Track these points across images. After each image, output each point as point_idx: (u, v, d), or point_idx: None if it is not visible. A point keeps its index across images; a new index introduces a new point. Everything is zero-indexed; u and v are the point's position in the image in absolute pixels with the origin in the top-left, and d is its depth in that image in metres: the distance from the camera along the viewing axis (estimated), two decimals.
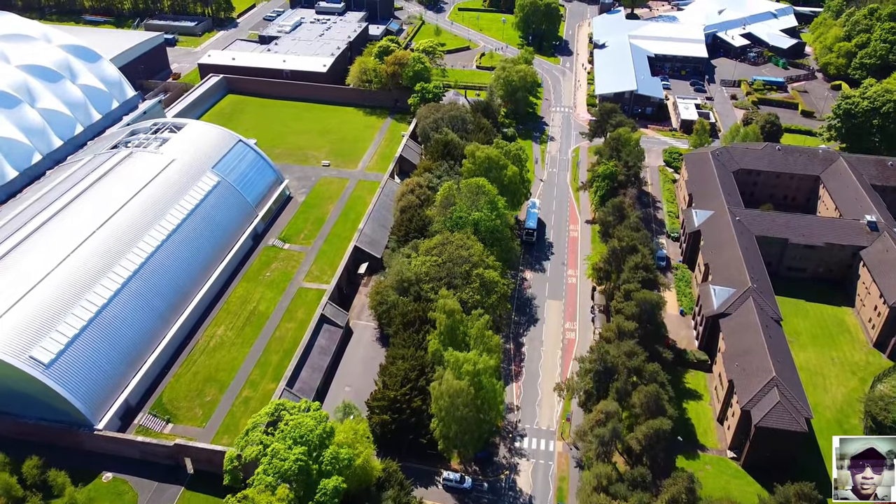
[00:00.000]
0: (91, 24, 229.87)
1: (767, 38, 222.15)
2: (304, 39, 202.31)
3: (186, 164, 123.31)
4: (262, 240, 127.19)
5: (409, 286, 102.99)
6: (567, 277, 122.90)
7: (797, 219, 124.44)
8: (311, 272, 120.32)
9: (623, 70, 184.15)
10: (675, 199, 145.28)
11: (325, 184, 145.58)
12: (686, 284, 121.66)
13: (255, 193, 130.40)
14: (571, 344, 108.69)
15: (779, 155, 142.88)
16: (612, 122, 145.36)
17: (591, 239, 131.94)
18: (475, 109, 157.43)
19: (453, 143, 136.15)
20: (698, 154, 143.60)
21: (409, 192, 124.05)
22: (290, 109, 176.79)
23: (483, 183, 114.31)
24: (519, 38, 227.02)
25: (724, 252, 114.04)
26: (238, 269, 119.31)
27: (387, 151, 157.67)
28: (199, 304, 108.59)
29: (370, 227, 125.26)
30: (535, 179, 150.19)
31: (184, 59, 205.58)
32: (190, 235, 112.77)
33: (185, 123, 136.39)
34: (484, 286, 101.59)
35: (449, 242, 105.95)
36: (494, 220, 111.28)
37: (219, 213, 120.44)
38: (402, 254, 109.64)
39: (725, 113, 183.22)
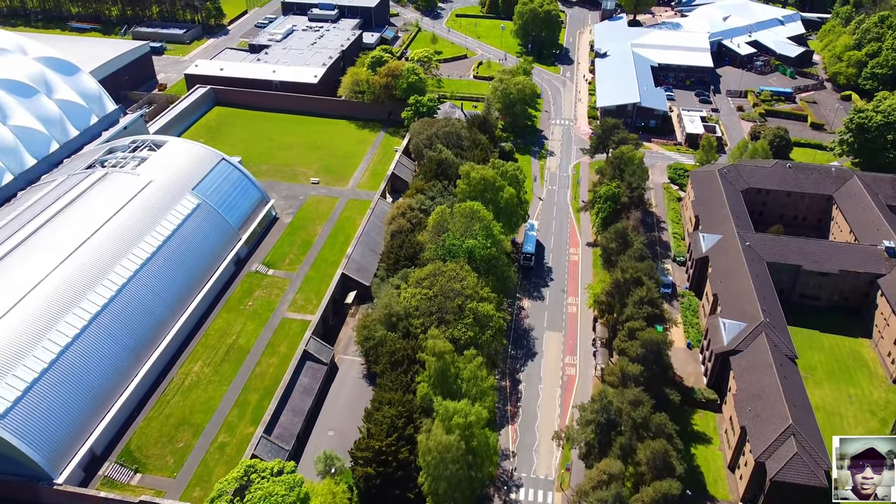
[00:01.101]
0: (77, 31, 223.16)
1: (774, 46, 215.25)
2: (296, 48, 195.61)
3: (165, 186, 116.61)
4: (245, 265, 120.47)
5: (397, 321, 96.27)
6: (567, 306, 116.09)
7: (810, 244, 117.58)
8: (296, 301, 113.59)
9: (625, 81, 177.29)
10: (680, 219, 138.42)
11: (314, 203, 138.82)
12: (693, 314, 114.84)
13: (239, 215, 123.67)
14: (572, 381, 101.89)
15: (789, 173, 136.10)
16: (614, 138, 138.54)
17: (593, 263, 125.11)
18: (471, 124, 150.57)
19: (447, 161, 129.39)
20: (705, 172, 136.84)
21: (399, 216, 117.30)
22: (280, 122, 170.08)
23: (478, 208, 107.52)
24: (518, 46, 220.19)
25: (734, 281, 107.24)
26: (218, 298, 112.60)
27: (379, 168, 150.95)
28: (175, 339, 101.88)
29: (359, 252, 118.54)
30: (533, 198, 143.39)
31: (171, 68, 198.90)
32: (166, 264, 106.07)
33: (166, 141, 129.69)
34: (478, 321, 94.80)
35: (441, 273, 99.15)
36: (489, 249, 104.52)
37: (198, 238, 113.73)
38: (392, 284, 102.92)
39: (732, 126, 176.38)
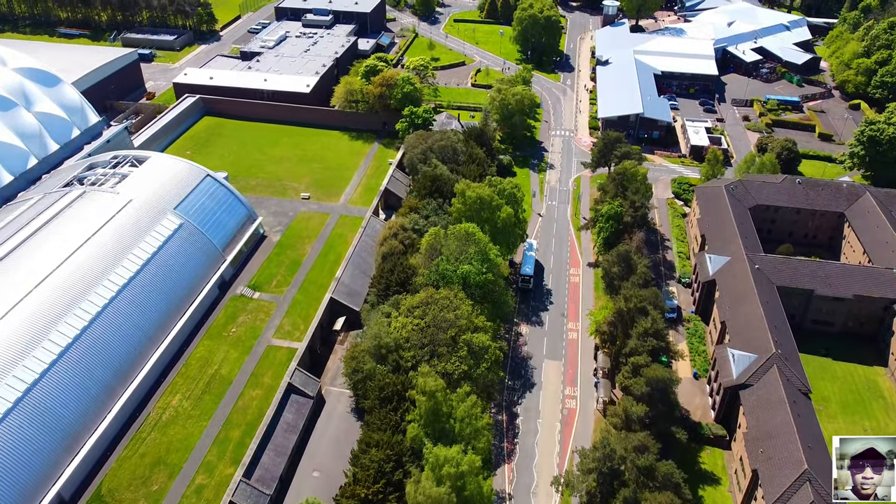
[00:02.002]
0: (66, 37, 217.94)
1: (780, 53, 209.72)
2: (288, 56, 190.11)
3: (145, 205, 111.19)
4: (229, 287, 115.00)
5: (387, 353, 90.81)
6: (567, 332, 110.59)
7: (823, 267, 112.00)
8: (282, 327, 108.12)
9: (628, 90, 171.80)
10: (685, 237, 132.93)
11: (304, 220, 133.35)
12: (699, 340, 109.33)
13: (224, 235, 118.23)
14: (572, 415, 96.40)
15: (799, 189, 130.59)
16: (616, 152, 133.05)
17: (594, 285, 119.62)
18: (468, 136, 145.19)
19: (442, 178, 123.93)
20: (711, 188, 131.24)
21: (391, 237, 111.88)
22: (271, 133, 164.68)
23: (473, 230, 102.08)
24: (517, 53, 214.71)
25: (743, 308, 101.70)
26: (201, 325, 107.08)
27: (372, 182, 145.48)
28: (153, 370, 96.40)
29: (349, 275, 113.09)
30: (532, 214, 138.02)
31: (160, 76, 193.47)
32: (144, 289, 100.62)
33: (148, 157, 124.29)
34: (472, 353, 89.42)
35: (433, 301, 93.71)
36: (485, 275, 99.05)
37: (180, 260, 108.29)
38: (382, 312, 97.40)
39: (737, 136, 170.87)
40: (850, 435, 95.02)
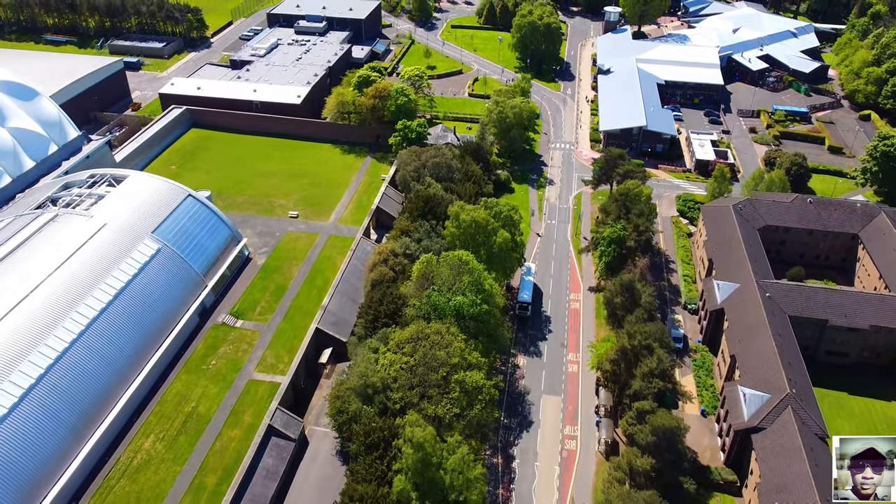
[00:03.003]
0: (52, 44, 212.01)
1: (787, 61, 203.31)
2: (280, 64, 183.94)
3: (121, 230, 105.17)
4: (210, 315, 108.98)
5: (374, 394, 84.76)
6: (567, 364, 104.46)
7: (838, 295, 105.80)
8: (265, 359, 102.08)
9: (630, 102, 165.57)
10: (691, 258, 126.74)
11: (291, 240, 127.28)
12: (707, 373, 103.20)
13: (205, 259, 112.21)
14: (572, 457, 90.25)
15: (810, 209, 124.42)
16: (619, 170, 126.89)
17: (596, 312, 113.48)
18: (464, 152, 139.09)
19: (436, 198, 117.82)
20: (718, 207, 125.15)
21: (381, 263, 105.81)
22: (260, 147, 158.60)
23: (467, 258, 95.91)
24: (516, 61, 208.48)
25: (754, 341, 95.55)
26: (178, 357, 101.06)
27: (364, 199, 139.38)
28: (125, 409, 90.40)
29: (336, 303, 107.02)
30: (530, 233, 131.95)
31: (147, 85, 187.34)
32: (117, 322, 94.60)
33: (126, 175, 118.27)
34: (465, 393, 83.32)
35: (424, 336, 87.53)
36: (480, 306, 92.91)
37: (157, 288, 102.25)
38: (369, 347, 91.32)
39: (744, 149, 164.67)
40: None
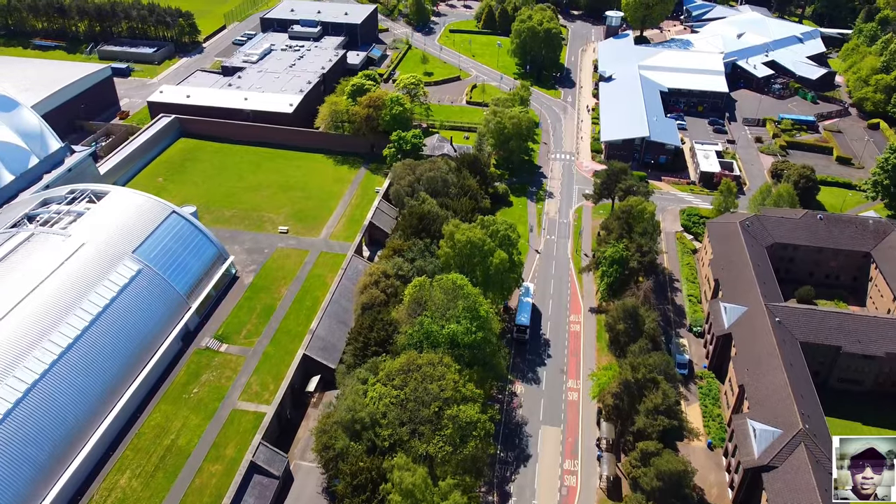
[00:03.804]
0: (41, 49, 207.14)
1: (793, 67, 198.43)
2: (272, 71, 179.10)
3: (100, 250, 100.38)
4: (194, 339, 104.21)
5: (362, 429, 79.91)
6: (567, 391, 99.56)
7: (851, 320, 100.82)
8: (250, 387, 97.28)
9: (633, 111, 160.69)
10: (696, 277, 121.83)
11: (281, 257, 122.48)
12: (714, 402, 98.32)
13: (189, 279, 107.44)
14: (572, 495, 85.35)
15: (821, 226, 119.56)
16: (621, 185, 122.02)
17: (597, 335, 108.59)
18: (460, 164, 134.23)
19: (430, 215, 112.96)
20: (724, 224, 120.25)
21: (372, 285, 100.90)
22: (250, 157, 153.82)
23: (462, 283, 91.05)
24: (516, 67, 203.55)
25: (765, 371, 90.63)
26: (159, 385, 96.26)
27: (357, 213, 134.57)
28: (100, 444, 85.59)
29: (325, 326, 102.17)
30: (529, 250, 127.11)
31: (137, 92, 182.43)
32: (93, 350, 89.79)
33: (107, 191, 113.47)
34: (459, 429, 78.50)
35: (416, 368, 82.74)
36: (475, 334, 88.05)
37: (137, 312, 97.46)
38: (358, 377, 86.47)
39: (750, 160, 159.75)
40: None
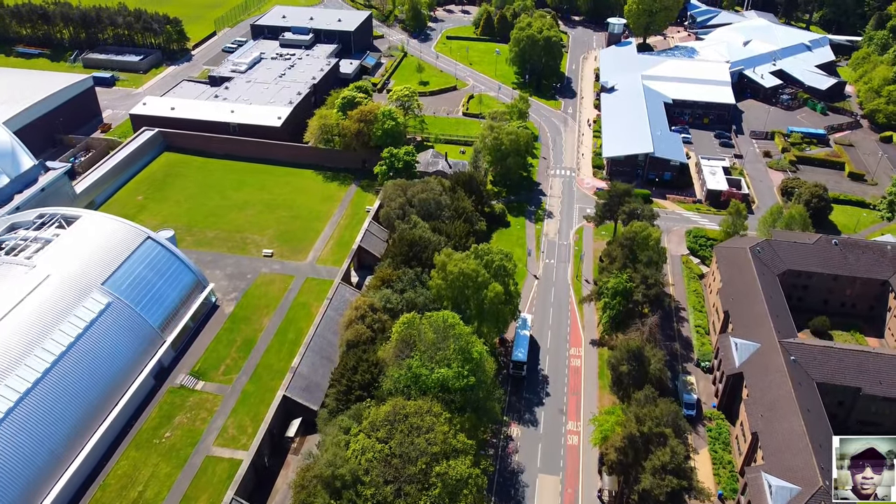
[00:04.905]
0: (24, 56, 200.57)
1: (802, 77, 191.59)
2: (261, 81, 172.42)
3: (66, 282, 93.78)
4: (168, 376, 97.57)
5: (342, 487, 73.22)
6: (566, 435, 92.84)
7: (872, 359, 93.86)
8: (226, 430, 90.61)
9: (636, 124, 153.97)
10: (703, 306, 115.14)
11: (264, 284, 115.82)
12: (724, 447, 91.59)
13: (164, 310, 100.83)
14: None
15: (836, 252, 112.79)
16: (624, 208, 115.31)
17: (599, 371, 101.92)
18: (455, 183, 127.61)
19: (422, 242, 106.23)
20: (733, 249, 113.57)
21: (358, 320, 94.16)
22: (236, 173, 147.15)
23: (453, 321, 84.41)
24: (514, 76, 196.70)
25: (780, 418, 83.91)
26: (128, 429, 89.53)
27: (346, 235, 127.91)
28: (60, 498, 78.87)
29: (308, 363, 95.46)
30: (527, 275, 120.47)
31: (121, 103, 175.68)
32: (54, 393, 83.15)
33: (78, 216, 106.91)
34: (449, 488, 71.87)
35: (402, 418, 76.05)
36: (466, 378, 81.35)
37: (105, 350, 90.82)
38: (340, 426, 79.73)
39: (759, 176, 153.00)
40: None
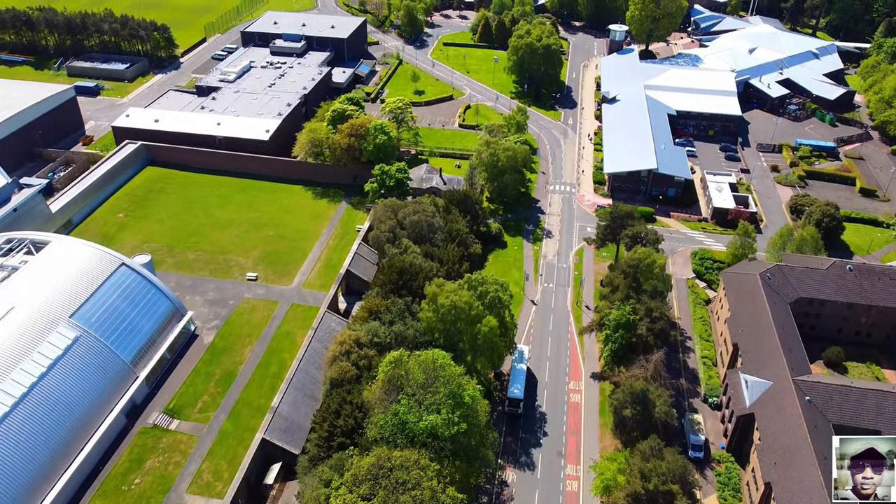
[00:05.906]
0: (7, 64, 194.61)
1: (809, 86, 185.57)
2: (250, 91, 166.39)
3: (31, 315, 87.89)
4: (141, 415, 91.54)
5: None
6: (565, 480, 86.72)
7: (892, 400, 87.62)
8: (201, 475, 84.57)
9: (639, 139, 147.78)
10: (710, 333, 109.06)
11: (246, 311, 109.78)
12: (734, 493, 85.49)
13: (137, 343, 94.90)
14: None
15: (850, 277, 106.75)
16: (627, 232, 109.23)
17: (600, 408, 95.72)
18: (449, 202, 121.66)
19: (413, 269, 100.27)
20: (742, 276, 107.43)
21: (342, 356, 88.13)
22: (222, 189, 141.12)
23: (442, 361, 78.50)
24: (513, 85, 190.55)
25: (796, 467, 77.84)
26: (95, 475, 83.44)
27: (334, 257, 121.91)
28: None
29: (290, 401, 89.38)
30: (524, 300, 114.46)
31: (104, 114, 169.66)
32: (16, 437, 77.29)
33: (48, 241, 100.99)
34: None
35: (387, 472, 70.13)
36: (457, 425, 75.35)
37: (72, 389, 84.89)
38: (320, 477, 73.84)
39: (766, 192, 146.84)
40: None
